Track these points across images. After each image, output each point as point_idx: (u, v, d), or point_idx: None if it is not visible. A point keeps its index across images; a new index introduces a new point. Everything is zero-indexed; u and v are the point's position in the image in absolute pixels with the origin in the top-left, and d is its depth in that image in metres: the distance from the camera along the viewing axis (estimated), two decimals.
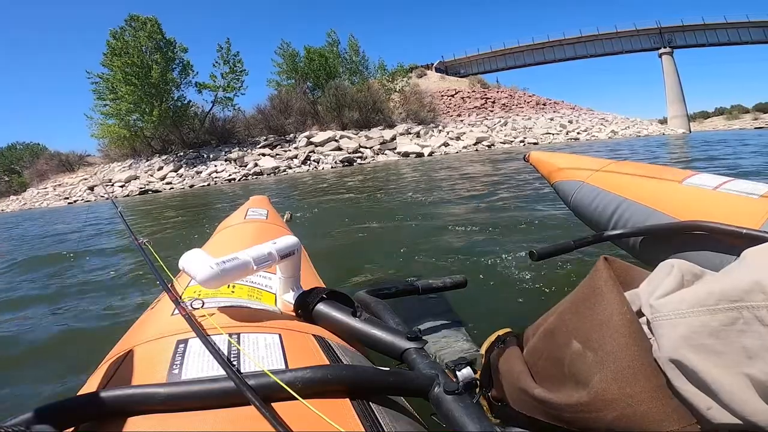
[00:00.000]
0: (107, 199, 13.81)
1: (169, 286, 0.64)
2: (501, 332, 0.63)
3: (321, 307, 0.59)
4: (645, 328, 0.40)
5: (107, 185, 15.33)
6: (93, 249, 3.49)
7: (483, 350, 0.64)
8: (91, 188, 16.12)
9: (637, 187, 1.25)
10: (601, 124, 26.64)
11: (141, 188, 14.29)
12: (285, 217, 3.13)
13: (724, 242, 0.93)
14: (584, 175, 1.47)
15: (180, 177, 15.38)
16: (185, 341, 0.47)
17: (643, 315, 0.41)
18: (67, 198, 15.60)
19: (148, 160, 18.18)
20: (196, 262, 0.55)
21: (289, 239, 0.65)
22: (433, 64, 37.89)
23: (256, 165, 15.17)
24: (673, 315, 0.36)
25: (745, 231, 0.87)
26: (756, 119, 48.48)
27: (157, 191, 13.97)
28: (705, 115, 66.51)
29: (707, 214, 0.99)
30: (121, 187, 15.10)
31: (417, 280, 0.87)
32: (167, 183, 14.90)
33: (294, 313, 0.62)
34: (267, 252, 0.60)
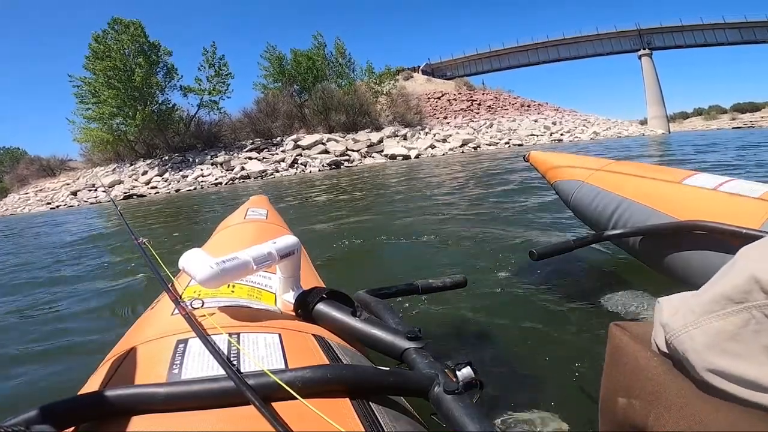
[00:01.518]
0: (104, 201, 13.63)
1: (169, 285, 0.65)
2: None
3: (321, 306, 0.60)
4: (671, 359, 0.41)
5: (92, 190, 15.09)
6: (93, 249, 3.48)
7: None
8: (74, 193, 15.85)
9: (636, 187, 1.24)
10: (584, 125, 27.21)
11: (125, 193, 14.11)
12: None
13: (724, 242, 0.93)
14: (584, 174, 1.46)
15: (165, 181, 15.23)
16: (185, 341, 0.47)
17: (664, 353, 0.41)
18: (50, 203, 15.31)
19: (132, 165, 17.94)
20: (196, 262, 0.55)
21: (289, 239, 0.65)
22: (419, 67, 38.21)
23: (242, 168, 15.11)
24: (686, 328, 0.37)
25: (745, 231, 0.87)
26: (733, 119, 50.03)
27: (142, 196, 13.83)
28: (684, 116, 68.21)
29: (707, 214, 0.98)
30: (104, 192, 14.88)
31: (417, 280, 0.87)
32: (152, 187, 14.74)
33: (294, 313, 0.62)
34: (267, 252, 0.60)
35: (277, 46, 22.61)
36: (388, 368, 0.45)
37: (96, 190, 15.27)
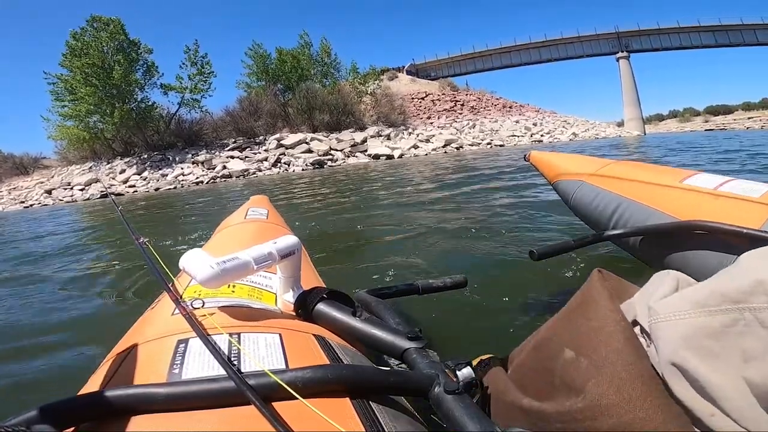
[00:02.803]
0: (78, 200, 13.29)
1: (170, 285, 0.65)
2: (484, 356, 0.61)
3: (321, 306, 0.60)
4: (640, 337, 0.40)
5: (66, 188, 14.73)
6: (93, 249, 3.44)
7: None
8: (49, 191, 15.42)
9: (637, 187, 1.24)
10: (563, 126, 27.85)
11: (102, 192, 13.83)
12: None
13: (724, 242, 0.92)
14: (584, 174, 1.46)
15: (144, 180, 14.97)
16: (185, 341, 0.48)
17: (638, 324, 0.41)
18: (23, 202, 14.86)
19: (109, 163, 17.55)
20: (196, 262, 0.55)
21: (290, 239, 0.65)
22: (404, 67, 38.40)
23: (224, 167, 14.98)
24: (673, 316, 0.36)
25: (745, 231, 0.86)
26: (706, 122, 51.92)
27: (119, 194, 13.57)
28: (660, 118, 70.36)
29: (707, 214, 0.98)
30: (81, 190, 14.55)
31: (417, 280, 0.87)
32: (130, 186, 14.48)
33: (294, 313, 0.63)
34: (267, 252, 0.61)
35: (263, 44, 22.32)
36: (388, 368, 0.46)
37: (72, 188, 14.91)
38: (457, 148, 19.05)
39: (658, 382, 0.36)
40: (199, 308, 0.57)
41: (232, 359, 0.44)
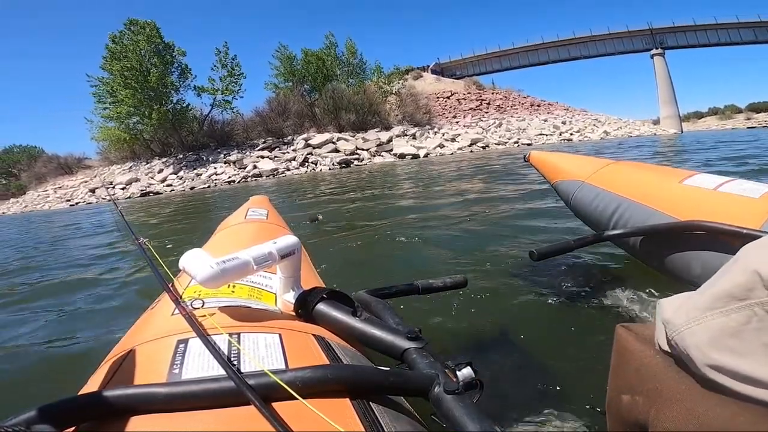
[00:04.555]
0: (109, 200, 13.98)
1: (170, 285, 0.64)
2: None
3: (321, 306, 0.60)
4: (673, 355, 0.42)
5: (108, 187, 15.54)
6: (93, 249, 3.54)
7: None
8: (92, 190, 16.33)
9: (637, 187, 1.24)
10: (594, 125, 27.04)
11: (142, 190, 14.52)
12: (319, 218, 3.03)
13: (724, 242, 0.92)
14: (584, 175, 1.46)
15: (180, 179, 15.62)
16: (185, 341, 0.48)
17: (667, 352, 0.42)
18: (69, 200, 15.78)
19: (147, 163, 18.41)
20: (196, 262, 0.55)
21: (290, 239, 0.65)
22: (429, 66, 38.27)
23: (255, 167, 15.43)
24: (688, 324, 0.37)
25: (745, 231, 0.87)
26: (749, 119, 49.11)
27: (158, 193, 14.21)
28: (699, 115, 67.14)
29: (707, 214, 0.98)
30: (123, 189, 15.32)
31: (417, 280, 0.87)
32: (167, 185, 15.13)
33: (294, 313, 0.62)
34: (267, 252, 0.60)
35: (289, 45, 22.88)
36: (388, 368, 0.46)
37: (114, 187, 15.72)
38: (483, 147, 18.86)
39: (705, 387, 0.37)
40: (198, 308, 0.57)
41: (232, 359, 0.44)
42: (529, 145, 20.08)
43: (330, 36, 23.49)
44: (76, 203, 15.11)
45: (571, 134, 23.69)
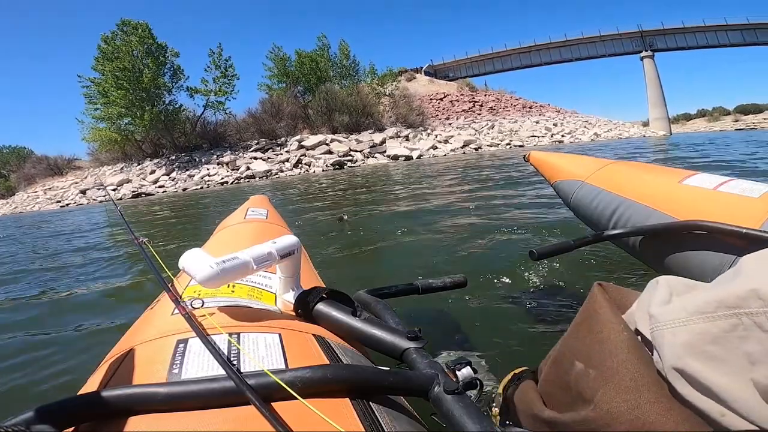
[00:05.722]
0: (106, 200, 13.91)
1: (169, 285, 0.65)
2: (517, 370, 0.63)
3: (321, 306, 0.60)
4: (643, 345, 0.42)
5: (100, 188, 15.42)
6: (93, 249, 3.55)
7: (500, 388, 0.64)
8: (83, 191, 16.20)
9: (636, 187, 1.25)
10: (585, 126, 27.37)
11: (134, 191, 14.45)
12: (344, 218, 2.94)
13: (724, 242, 0.92)
14: (584, 174, 1.46)
15: (173, 180, 15.56)
16: (185, 341, 0.48)
17: (640, 333, 0.42)
18: (59, 201, 15.64)
19: (139, 164, 18.30)
20: (196, 262, 0.55)
21: (289, 239, 0.65)
22: (422, 68, 38.45)
23: (248, 168, 15.42)
24: (673, 323, 0.37)
25: (745, 231, 0.86)
26: (737, 121, 50.01)
27: (149, 194, 14.15)
28: (687, 117, 68.15)
29: (707, 214, 0.98)
30: (114, 190, 15.22)
31: (417, 280, 0.87)
32: (160, 186, 15.07)
33: (294, 313, 0.63)
34: (267, 251, 0.60)
35: (282, 47, 22.88)
36: (388, 368, 0.46)
37: (105, 188, 15.60)
38: (476, 149, 19.02)
39: (664, 386, 0.37)
40: (198, 308, 0.57)
41: (232, 359, 0.44)
42: (521, 147, 20.28)
43: (323, 38, 23.56)
44: (67, 204, 14.99)
45: (563, 136, 23.96)
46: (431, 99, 28.36)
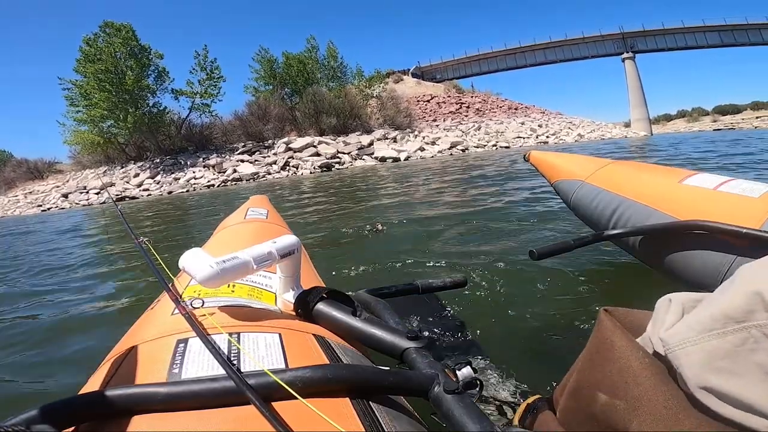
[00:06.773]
0: (108, 198, 13.65)
1: (169, 285, 0.64)
2: (530, 400, 0.60)
3: (321, 306, 0.60)
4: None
5: (82, 192, 15.13)
6: (93, 249, 3.56)
7: (516, 420, 0.61)
8: (65, 195, 15.86)
9: (636, 187, 1.25)
10: (569, 127, 27.86)
11: (117, 195, 14.19)
12: (379, 227, 2.80)
13: (724, 242, 0.92)
14: (584, 174, 1.46)
15: (157, 183, 15.35)
16: (185, 341, 0.48)
17: (659, 356, 0.41)
18: (41, 205, 15.27)
19: (122, 167, 18.00)
20: (196, 262, 0.55)
21: (289, 238, 0.65)
22: (409, 70, 38.62)
23: (235, 171, 15.30)
24: (683, 344, 0.37)
25: (745, 230, 0.86)
26: (715, 121, 51.48)
27: (134, 198, 13.94)
28: (668, 118, 69.84)
29: (707, 214, 0.98)
30: (97, 194, 14.95)
31: (417, 280, 0.86)
32: (144, 189, 14.85)
33: (294, 313, 0.62)
34: (267, 251, 0.60)
35: (269, 49, 22.76)
36: (388, 368, 0.46)
37: (88, 192, 15.32)
38: (463, 150, 19.21)
39: (693, 408, 0.36)
40: (198, 308, 0.57)
41: (232, 359, 0.44)
42: (507, 148, 20.56)
43: (312, 39, 23.52)
44: (48, 208, 14.66)
45: (547, 137, 24.36)
46: (418, 101, 28.56)
